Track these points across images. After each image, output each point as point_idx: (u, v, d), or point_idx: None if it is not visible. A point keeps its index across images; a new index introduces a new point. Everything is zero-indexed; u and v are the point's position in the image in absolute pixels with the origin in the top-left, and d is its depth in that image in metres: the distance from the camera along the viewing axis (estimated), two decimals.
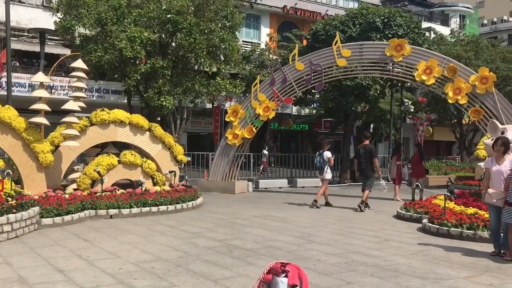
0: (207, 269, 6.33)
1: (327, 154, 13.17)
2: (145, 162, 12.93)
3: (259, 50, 29.75)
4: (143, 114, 16.36)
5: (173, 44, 19.45)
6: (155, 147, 13.57)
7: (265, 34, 35.17)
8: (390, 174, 16.36)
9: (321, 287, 5.59)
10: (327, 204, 13.52)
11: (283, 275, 3.39)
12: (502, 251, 7.38)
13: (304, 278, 3.48)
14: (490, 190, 7.37)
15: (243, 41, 31.79)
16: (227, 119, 17.05)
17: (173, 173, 13.69)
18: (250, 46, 31.27)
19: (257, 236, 8.73)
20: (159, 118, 20.68)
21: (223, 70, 20.02)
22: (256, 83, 16.71)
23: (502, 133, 10.05)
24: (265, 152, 28.18)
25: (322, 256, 7.17)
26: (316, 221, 10.65)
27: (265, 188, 18.53)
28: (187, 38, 18.01)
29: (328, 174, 13.22)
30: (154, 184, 13.02)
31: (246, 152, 19.26)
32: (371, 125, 36.24)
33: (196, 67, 20.47)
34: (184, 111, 22.28)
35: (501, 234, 7.46)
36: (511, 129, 10.28)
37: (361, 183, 13.40)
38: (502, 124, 11.67)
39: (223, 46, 19.23)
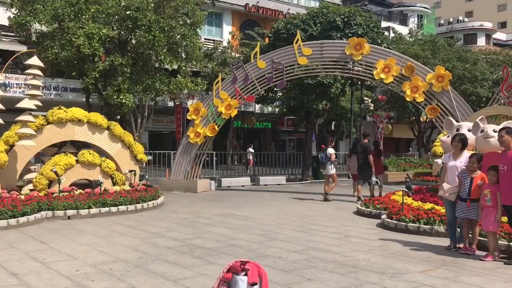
0: (167, 269, 6.26)
1: (330, 150, 14.32)
2: (104, 161, 12.68)
3: (221, 48, 29.67)
4: (102, 113, 16.04)
5: (133, 41, 19.13)
6: (114, 146, 13.32)
7: (227, 32, 35.13)
8: (352, 170, 16.60)
9: (281, 284, 5.62)
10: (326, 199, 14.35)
11: (243, 273, 3.39)
12: (457, 245, 7.60)
13: (264, 276, 3.48)
14: (444, 185, 7.58)
15: (205, 39, 31.65)
16: (188, 117, 16.92)
17: (133, 173, 13.49)
18: (212, 44, 31.15)
19: (218, 235, 8.70)
20: (118, 117, 20.31)
21: (184, 68, 19.84)
22: (218, 81, 16.65)
23: (457, 130, 10.34)
24: (251, 150, 28.53)
25: (283, 254, 7.21)
26: (278, 219, 10.70)
27: (227, 187, 18.50)
28: (147, 35, 17.74)
29: (332, 170, 14.24)
30: (114, 183, 12.78)
31: (208, 150, 19.22)
32: (333, 123, 36.81)
33: (156, 65, 20.20)
34: (144, 109, 21.97)
35: (457, 229, 7.71)
36: (465, 126, 10.58)
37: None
38: (457, 121, 12.01)
39: (184, 43, 19.05)
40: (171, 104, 28.91)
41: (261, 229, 9.30)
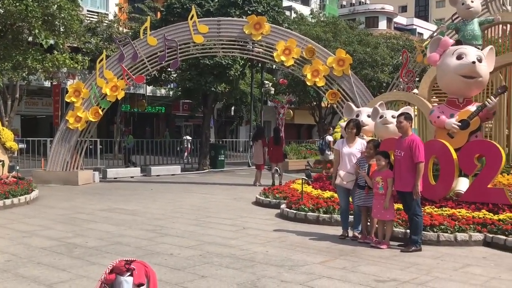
0: (40, 272, 5.96)
1: (329, 138, 16.01)
2: None
3: (107, 21, 28.53)
4: None
5: (0, 10, 17.74)
6: None
7: (114, 4, 33.82)
8: (255, 159, 16.90)
9: (172, 284, 5.58)
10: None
11: (128, 273, 3.31)
12: (353, 234, 8.02)
13: (152, 275, 3.43)
14: (341, 172, 7.97)
15: (88, 11, 30.23)
16: (67, 100, 16.17)
17: (0, 163, 12.63)
18: (96, 17, 29.86)
19: (102, 232, 8.43)
20: None
21: (62, 43, 18.81)
22: (102, 59, 16.05)
23: (357, 115, 10.94)
24: (188, 137, 28.27)
25: (175, 250, 7.16)
26: (170, 212, 10.61)
27: (114, 178, 17.98)
28: (17, 4, 16.54)
29: (331, 155, 15.14)
30: None
31: (92, 137, 18.50)
32: (232, 108, 37.13)
33: (30, 39, 18.94)
34: (16, 90, 20.59)
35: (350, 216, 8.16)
36: (365, 112, 11.22)
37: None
38: (357, 107, 12.66)
39: (61, 15, 18.03)
40: (47, 84, 27.33)
41: (151, 224, 9.17)
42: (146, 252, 7.02)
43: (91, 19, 28.24)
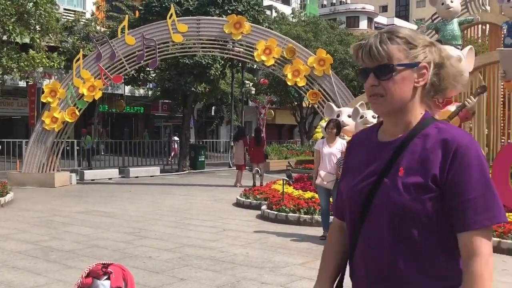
0: (15, 277, 5.87)
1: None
2: None
3: (84, 20, 28.25)
4: None
5: None
6: None
7: (91, 2, 33.50)
8: (235, 160, 16.91)
9: (150, 287, 5.55)
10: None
11: (105, 277, 3.27)
12: None
13: (130, 279, 3.39)
14: (321, 173, 8.01)
15: (64, 9, 29.91)
16: (43, 100, 15.98)
17: None
18: (73, 15, 29.53)
19: (79, 235, 8.35)
20: None
21: (39, 42, 18.58)
22: (79, 58, 15.90)
23: (338, 115, 11.01)
24: (176, 138, 28.08)
25: (153, 253, 7.12)
26: (149, 214, 10.55)
27: (92, 180, 17.81)
28: None
29: None
30: None
31: (68, 138, 18.30)
32: (213, 108, 37.05)
33: (4, 37, 18.66)
34: None
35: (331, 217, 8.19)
36: (346, 112, 11.31)
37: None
38: (338, 107, 12.74)
39: (38, 13, 17.81)
40: (23, 84, 26.94)
41: (130, 227, 9.10)
42: (124, 255, 6.97)
43: (68, 17, 27.92)
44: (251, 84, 31.14)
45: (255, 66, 26.64)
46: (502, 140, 12.23)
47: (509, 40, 11.37)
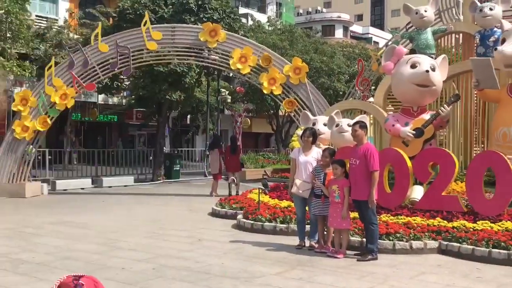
0: None
1: None
2: None
3: (56, 27, 27.94)
4: None
5: None
6: None
7: (64, 9, 33.18)
8: (211, 169, 16.84)
9: None
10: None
11: None
12: (310, 243, 8.08)
13: None
14: (297, 181, 8.04)
15: (36, 16, 29.55)
16: (14, 108, 15.76)
17: None
18: (45, 22, 29.20)
19: (50, 246, 8.22)
20: None
21: (9, 50, 18.31)
22: (51, 66, 15.72)
23: (313, 124, 11.07)
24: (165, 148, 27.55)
25: (127, 264, 7.04)
26: (123, 225, 10.44)
27: (64, 190, 17.55)
28: None
29: None
30: None
31: (40, 147, 18.05)
32: (188, 116, 36.93)
33: None
34: None
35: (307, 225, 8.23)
36: (321, 121, 11.37)
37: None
38: (314, 115, 12.82)
39: (9, 20, 17.56)
40: None
41: (103, 238, 8.99)
42: (97, 267, 6.88)
43: (40, 24, 27.59)
44: (227, 92, 31.13)
45: (231, 74, 26.73)
46: (476, 149, 12.44)
47: (481, 49, 11.63)
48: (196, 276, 6.44)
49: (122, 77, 21.15)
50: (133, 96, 25.85)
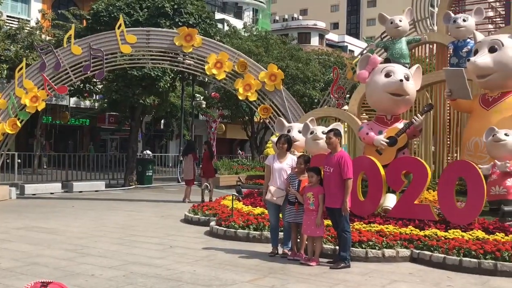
0: None
1: None
2: None
3: (28, 28, 27.53)
4: None
5: None
6: None
7: (36, 9, 32.75)
8: (184, 174, 16.76)
9: None
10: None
11: None
12: (283, 251, 8.09)
13: None
14: (271, 188, 8.04)
15: (7, 16, 29.10)
16: None
17: None
18: (17, 23, 28.76)
19: (17, 252, 8.05)
20: None
21: None
22: (22, 67, 15.49)
23: (288, 131, 11.11)
24: (149, 152, 27.79)
25: (96, 271, 6.94)
26: (93, 231, 10.29)
27: (33, 194, 17.25)
28: None
29: None
30: None
31: (9, 150, 17.73)
32: (162, 121, 36.73)
33: None
34: None
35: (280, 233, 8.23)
36: (296, 128, 11.43)
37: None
38: (289, 122, 12.87)
39: None
40: None
41: (72, 244, 8.85)
42: (65, 273, 6.76)
43: (11, 25, 27.17)
44: (201, 97, 31.05)
45: (206, 79, 26.64)
46: (449, 158, 12.64)
47: (454, 60, 11.86)
48: (167, 283, 6.38)
49: (95, 80, 20.94)
50: (105, 100, 25.60)
